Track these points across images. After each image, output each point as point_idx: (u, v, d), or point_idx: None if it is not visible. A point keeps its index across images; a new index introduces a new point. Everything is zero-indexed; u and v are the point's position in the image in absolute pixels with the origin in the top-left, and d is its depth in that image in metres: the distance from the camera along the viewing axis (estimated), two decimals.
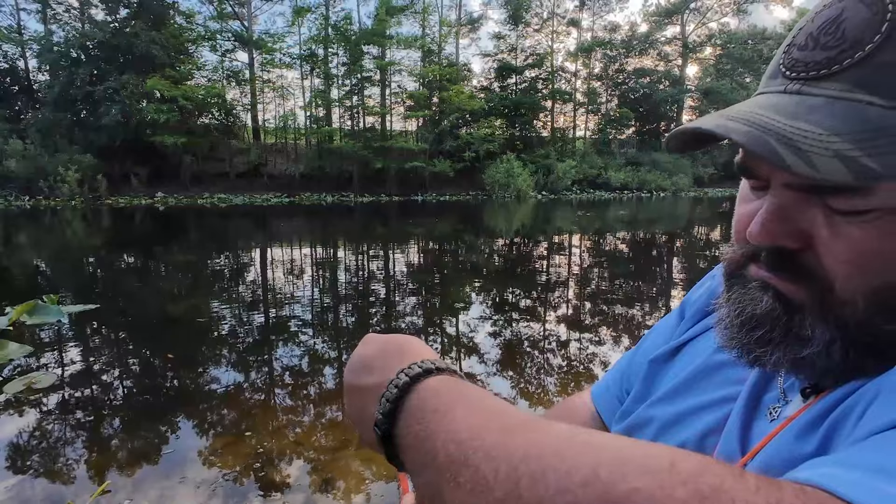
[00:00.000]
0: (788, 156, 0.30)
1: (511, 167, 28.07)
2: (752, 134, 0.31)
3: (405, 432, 0.33)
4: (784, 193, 0.35)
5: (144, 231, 13.64)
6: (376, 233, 13.38)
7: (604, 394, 0.68)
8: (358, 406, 0.40)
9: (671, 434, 0.50)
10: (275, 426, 2.82)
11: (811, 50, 0.33)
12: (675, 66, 39.94)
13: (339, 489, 2.25)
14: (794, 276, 0.36)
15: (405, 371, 0.36)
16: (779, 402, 0.43)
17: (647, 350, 0.64)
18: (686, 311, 0.61)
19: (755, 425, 0.43)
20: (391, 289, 6.52)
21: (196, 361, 3.89)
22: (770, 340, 0.38)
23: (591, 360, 3.92)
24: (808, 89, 0.33)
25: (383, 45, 31.22)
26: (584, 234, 12.97)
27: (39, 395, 3.15)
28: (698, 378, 0.51)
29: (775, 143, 0.31)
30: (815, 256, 0.35)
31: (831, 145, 0.30)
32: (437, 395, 0.33)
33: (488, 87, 37.52)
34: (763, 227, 0.36)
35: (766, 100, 0.35)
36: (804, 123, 0.31)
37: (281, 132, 32.27)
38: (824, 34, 0.33)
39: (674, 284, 6.93)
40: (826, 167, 0.29)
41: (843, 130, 0.30)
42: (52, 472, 2.38)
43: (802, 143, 0.30)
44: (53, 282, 6.99)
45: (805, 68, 0.33)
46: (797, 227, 0.35)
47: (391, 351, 0.40)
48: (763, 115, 0.33)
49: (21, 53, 27.72)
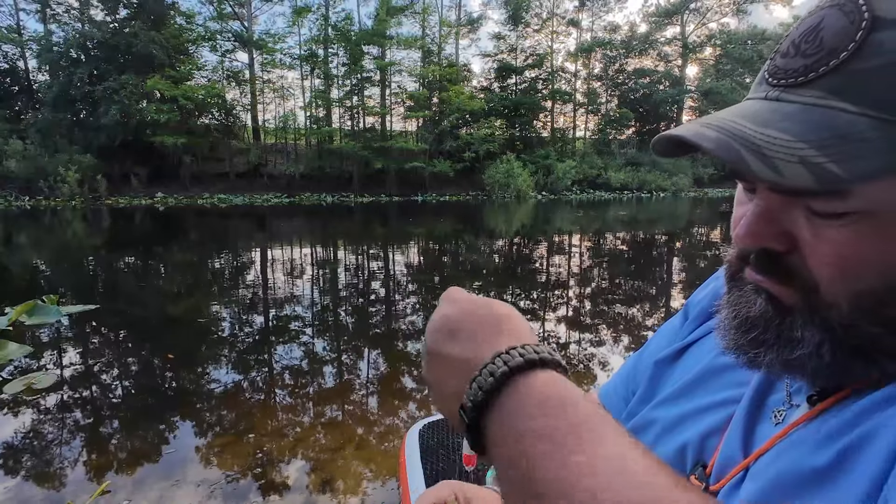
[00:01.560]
0: (754, 162, 0.31)
1: (511, 167, 28.07)
2: (720, 140, 0.32)
3: (496, 430, 0.30)
4: (769, 196, 0.36)
5: (144, 231, 13.64)
6: (376, 233, 13.39)
7: (611, 395, 0.69)
8: (438, 374, 0.37)
9: (672, 436, 0.50)
10: (275, 426, 2.82)
11: (792, 57, 0.34)
12: (674, 67, 39.95)
13: (339, 489, 2.25)
14: (782, 278, 0.37)
15: (503, 357, 0.32)
16: (783, 405, 0.43)
17: (652, 351, 0.64)
18: (690, 313, 0.61)
19: (759, 428, 0.43)
20: (391, 289, 6.53)
21: (196, 361, 3.89)
22: (763, 342, 0.38)
23: (591, 360, 3.92)
24: (787, 96, 0.34)
25: (383, 45, 31.23)
26: (584, 234, 12.98)
27: (39, 395, 3.15)
28: (702, 380, 0.51)
29: (742, 150, 0.32)
30: (800, 258, 0.36)
31: (797, 151, 0.31)
32: (540, 403, 0.29)
33: (488, 88, 37.54)
34: (748, 230, 0.37)
35: (747, 106, 0.36)
36: (773, 130, 0.32)
37: (281, 132, 32.26)
38: (805, 42, 0.34)
39: (673, 284, 6.93)
40: (790, 172, 0.30)
41: (811, 137, 0.31)
42: (52, 473, 2.38)
43: (768, 149, 0.31)
44: (53, 282, 6.98)
45: (785, 75, 0.34)
46: (782, 230, 0.36)
47: (484, 320, 0.36)
48: (736, 123, 0.34)
49: (21, 54, 27.71)
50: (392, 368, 3.75)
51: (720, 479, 0.43)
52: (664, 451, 0.49)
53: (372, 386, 3.44)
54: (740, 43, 37.29)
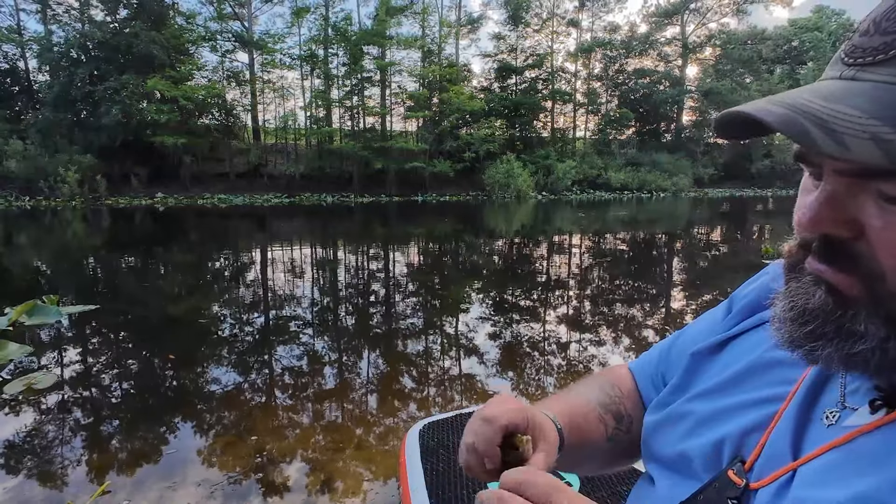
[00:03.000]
0: (820, 136, 0.30)
1: (511, 168, 28.08)
2: (786, 116, 0.31)
3: None
4: (835, 180, 0.34)
5: (144, 231, 13.64)
6: (376, 233, 13.39)
7: (640, 373, 0.71)
8: None
9: (708, 429, 0.49)
10: (275, 426, 2.82)
11: (871, 35, 0.33)
12: (674, 67, 39.96)
13: (339, 489, 2.25)
14: (845, 266, 0.35)
15: None
16: (836, 406, 0.40)
17: (689, 340, 0.63)
18: (734, 306, 0.60)
19: (810, 429, 0.41)
20: (391, 289, 6.53)
21: (196, 362, 3.89)
22: (822, 335, 0.36)
23: (591, 360, 3.92)
24: (862, 75, 0.32)
25: (383, 45, 31.23)
26: (584, 234, 12.98)
27: (39, 395, 3.15)
28: (747, 374, 0.50)
29: (808, 124, 0.30)
30: (867, 246, 0.34)
31: (869, 128, 0.29)
32: None
33: (488, 88, 37.56)
34: (812, 216, 0.35)
35: (819, 86, 0.34)
36: (843, 107, 0.31)
37: (281, 132, 32.27)
38: (886, 19, 0.32)
39: (673, 284, 6.93)
40: (858, 148, 0.29)
41: (885, 114, 0.29)
42: (52, 473, 2.38)
43: (837, 125, 0.30)
44: (53, 282, 6.99)
45: (862, 54, 0.33)
46: (848, 216, 0.34)
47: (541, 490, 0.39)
48: (805, 100, 0.32)
49: (21, 54, 27.72)
50: (392, 369, 3.75)
51: (763, 477, 0.42)
52: (698, 444, 0.49)
53: (372, 386, 3.44)
54: (740, 43, 37.29)
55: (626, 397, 0.68)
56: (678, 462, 0.51)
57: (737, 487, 0.42)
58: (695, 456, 0.49)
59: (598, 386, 0.68)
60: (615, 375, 0.72)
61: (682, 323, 4.42)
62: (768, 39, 37.58)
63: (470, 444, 0.51)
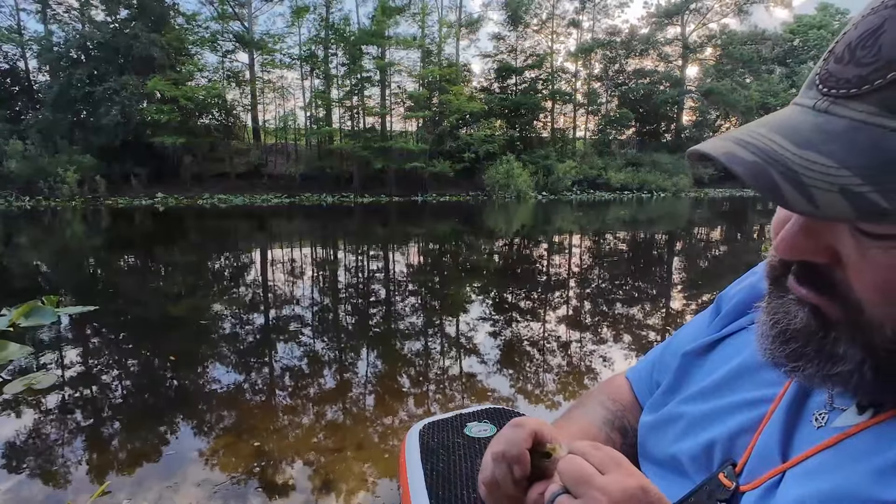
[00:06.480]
0: (789, 191, 0.29)
1: (511, 168, 28.06)
2: (756, 166, 0.30)
3: None
4: None
5: (144, 232, 13.64)
6: (377, 233, 13.39)
7: (637, 381, 0.71)
8: None
9: (699, 431, 0.49)
10: (275, 426, 2.82)
11: (845, 64, 0.31)
12: (675, 67, 39.94)
13: (339, 489, 2.25)
14: (824, 290, 0.35)
15: None
16: (825, 407, 0.41)
17: (680, 342, 0.63)
18: (723, 307, 0.60)
19: (799, 430, 0.41)
20: (391, 289, 6.53)
21: (196, 362, 3.89)
22: (803, 355, 0.36)
23: (591, 360, 3.92)
24: (836, 109, 0.31)
25: (382, 45, 31.23)
26: (585, 234, 12.98)
27: (39, 395, 3.15)
28: (737, 376, 0.50)
29: (778, 178, 0.29)
30: (844, 275, 0.34)
31: (838, 180, 0.28)
32: None
33: (488, 88, 37.53)
34: (788, 243, 0.35)
35: (792, 116, 0.33)
36: (815, 154, 0.30)
37: (281, 132, 32.27)
38: (861, 47, 0.30)
39: (673, 284, 6.93)
40: (826, 203, 0.28)
41: (856, 163, 0.28)
42: (52, 473, 2.38)
43: (806, 176, 0.29)
44: (53, 282, 6.99)
45: (836, 84, 0.31)
46: (824, 244, 0.34)
47: None
48: (774, 143, 0.31)
49: (21, 54, 27.71)
50: (392, 369, 3.75)
51: (753, 479, 0.42)
52: (690, 447, 0.49)
53: (372, 386, 3.44)
54: (741, 43, 37.28)
55: (627, 409, 0.68)
56: (671, 464, 0.52)
57: (727, 490, 0.43)
58: (686, 458, 0.49)
59: (598, 403, 0.69)
60: (613, 388, 0.73)
61: (682, 323, 4.41)
62: (768, 39, 37.56)
63: (498, 453, 0.48)
